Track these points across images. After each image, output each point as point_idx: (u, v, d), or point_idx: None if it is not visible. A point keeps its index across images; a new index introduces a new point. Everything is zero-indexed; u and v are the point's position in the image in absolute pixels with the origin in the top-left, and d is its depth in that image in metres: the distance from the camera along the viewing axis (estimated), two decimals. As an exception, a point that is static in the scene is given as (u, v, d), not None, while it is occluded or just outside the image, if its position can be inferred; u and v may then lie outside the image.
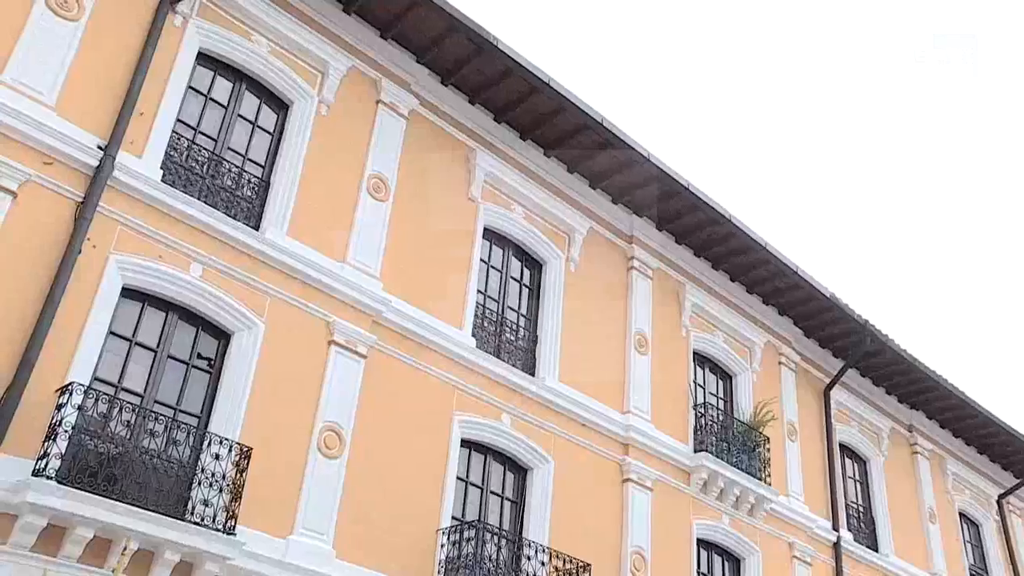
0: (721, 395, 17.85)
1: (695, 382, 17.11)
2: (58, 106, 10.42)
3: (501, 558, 12.29)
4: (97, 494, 9.02)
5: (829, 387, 19.84)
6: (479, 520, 12.58)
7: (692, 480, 15.74)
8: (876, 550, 19.46)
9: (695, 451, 15.96)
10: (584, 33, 50.19)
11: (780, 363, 18.98)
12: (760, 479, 16.58)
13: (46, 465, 8.87)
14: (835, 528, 18.32)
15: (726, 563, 16.33)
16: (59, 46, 10.62)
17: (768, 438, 17.12)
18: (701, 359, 17.64)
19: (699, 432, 16.33)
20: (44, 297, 9.66)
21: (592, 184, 16.33)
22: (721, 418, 17.01)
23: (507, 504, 13.52)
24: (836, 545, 18.18)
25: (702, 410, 16.69)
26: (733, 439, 16.71)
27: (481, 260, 14.50)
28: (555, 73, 14.40)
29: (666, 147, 48.80)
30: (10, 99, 10.02)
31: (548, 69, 14.34)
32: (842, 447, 20.06)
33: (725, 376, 18.12)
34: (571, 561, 12.76)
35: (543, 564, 12.56)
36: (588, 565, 12.82)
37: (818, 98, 54.79)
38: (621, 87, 49.89)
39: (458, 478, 12.83)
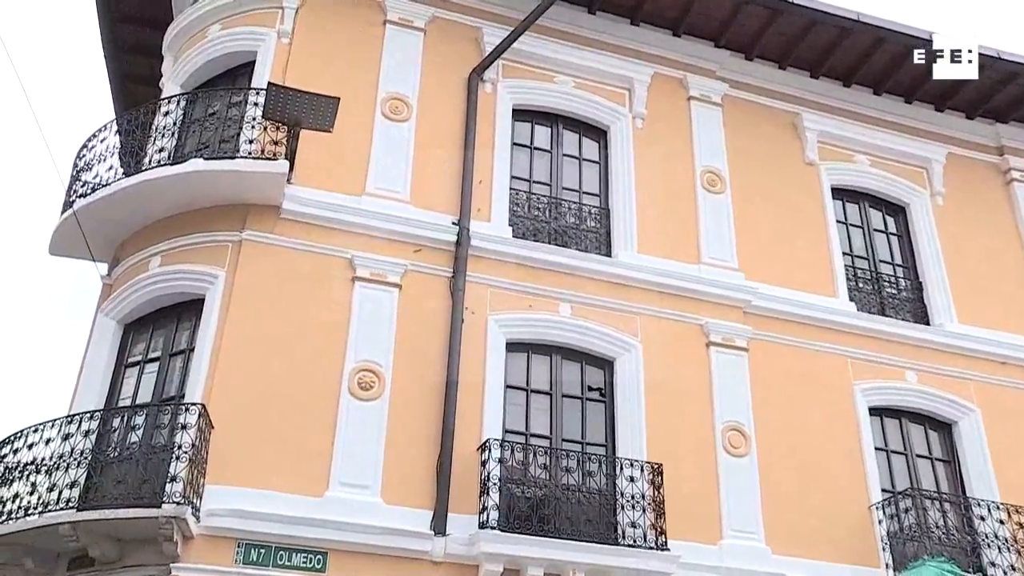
0: None
1: None
2: (412, 198, 11.58)
3: (949, 523, 11.44)
4: (538, 535, 9.75)
5: None
6: (912, 487, 11.83)
7: None
8: None
9: None
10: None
11: None
12: None
13: (488, 517, 9.74)
14: None
15: None
16: (400, 146, 11.86)
17: None
18: None
19: None
20: (445, 369, 10.67)
21: (938, 107, 14.94)
22: None
23: (939, 465, 12.56)
24: None
25: None
26: None
27: (838, 222, 13.79)
28: (855, 6, 13.51)
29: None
30: (378, 206, 11.32)
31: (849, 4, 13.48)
32: None
33: None
34: (1038, 514, 11.54)
35: (1002, 523, 11.48)
36: (1060, 514, 11.51)
37: None
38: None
39: (877, 448, 12.16)
